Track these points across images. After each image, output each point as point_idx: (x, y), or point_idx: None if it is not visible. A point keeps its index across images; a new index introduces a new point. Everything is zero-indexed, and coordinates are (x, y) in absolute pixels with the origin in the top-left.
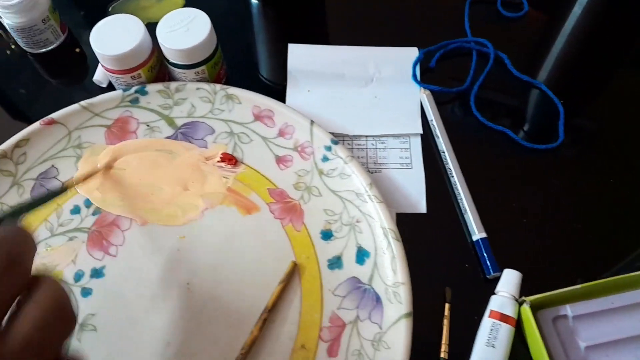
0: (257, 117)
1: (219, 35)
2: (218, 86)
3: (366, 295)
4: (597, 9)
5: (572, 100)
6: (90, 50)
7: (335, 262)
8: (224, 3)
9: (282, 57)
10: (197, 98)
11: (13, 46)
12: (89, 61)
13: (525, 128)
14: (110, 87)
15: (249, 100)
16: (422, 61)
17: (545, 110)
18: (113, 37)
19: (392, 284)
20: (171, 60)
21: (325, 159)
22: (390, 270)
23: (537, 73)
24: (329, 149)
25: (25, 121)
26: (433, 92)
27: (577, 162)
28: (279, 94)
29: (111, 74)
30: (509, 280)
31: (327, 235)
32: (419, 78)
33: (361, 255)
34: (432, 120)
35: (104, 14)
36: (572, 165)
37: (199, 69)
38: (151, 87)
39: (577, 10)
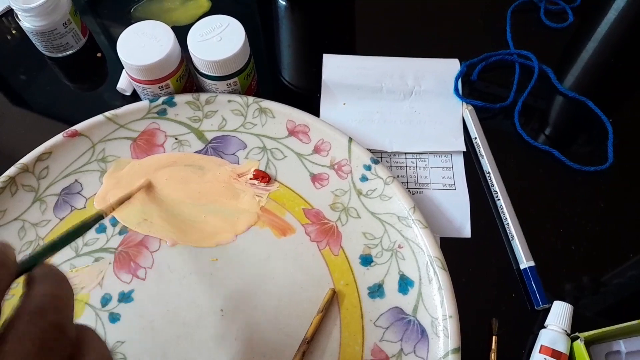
0: (292, 132)
1: None
2: (251, 99)
3: (410, 327)
4: None
5: (622, 119)
6: (112, 54)
7: (377, 291)
8: (248, 5)
9: (312, 65)
10: (229, 111)
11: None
12: (111, 66)
13: (572, 148)
14: (135, 95)
15: (284, 114)
16: (463, 74)
17: (593, 129)
18: (141, 46)
19: (438, 316)
20: (202, 71)
21: (364, 178)
22: (436, 302)
23: (583, 88)
24: (368, 168)
25: (45, 132)
26: (475, 108)
27: (628, 185)
28: (309, 104)
29: (137, 84)
30: (560, 313)
31: (366, 260)
32: (460, 92)
33: (404, 284)
34: (475, 138)
35: (126, 15)
36: (623, 188)
37: (231, 81)
38: (179, 98)
39: (625, 22)
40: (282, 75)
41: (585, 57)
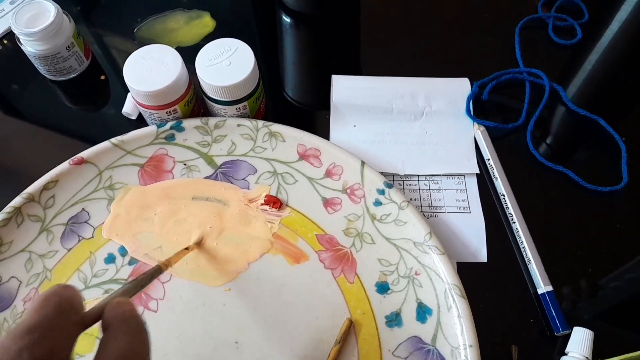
0: (303, 156)
1: None
2: (260, 122)
3: (430, 356)
4: None
5: (635, 137)
6: (116, 76)
7: (394, 319)
8: (252, 23)
9: (320, 85)
10: (238, 135)
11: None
12: (115, 89)
13: (586, 168)
14: (140, 118)
15: (294, 138)
16: (474, 94)
17: (606, 148)
18: (148, 71)
19: (458, 345)
20: (211, 95)
21: (377, 203)
22: (456, 331)
23: (594, 106)
24: (381, 192)
25: (49, 157)
26: (487, 128)
27: None
28: (319, 125)
29: (144, 109)
30: (580, 339)
31: (383, 288)
32: (472, 113)
33: (422, 312)
34: (489, 159)
35: (129, 36)
36: (639, 209)
37: (240, 105)
38: (188, 123)
39: (629, 36)
40: (290, 96)
41: (595, 73)
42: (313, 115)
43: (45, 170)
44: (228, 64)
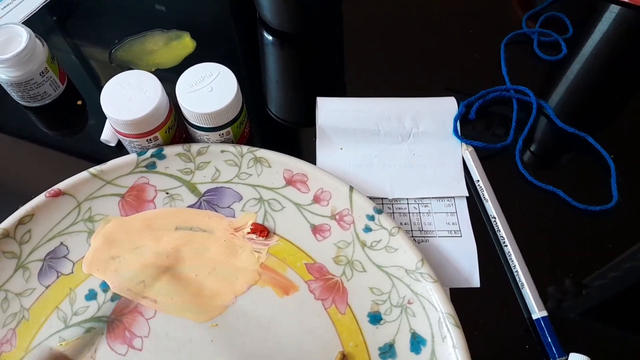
0: (289, 182)
1: None
2: (245, 148)
3: None
4: None
5: (624, 154)
6: (93, 101)
7: (388, 351)
8: (234, 43)
9: (304, 106)
10: (222, 161)
11: None
12: (93, 114)
13: (577, 186)
14: (120, 145)
15: (280, 163)
16: (461, 114)
17: (596, 166)
18: (126, 99)
19: None
20: (193, 122)
21: (367, 229)
22: None
23: (582, 123)
24: (371, 218)
25: (25, 190)
26: (475, 148)
27: (635, 224)
28: (305, 148)
29: (123, 137)
30: None
31: (375, 318)
32: (460, 133)
33: (416, 342)
34: (478, 181)
35: (106, 58)
36: (630, 228)
37: (223, 131)
38: (169, 150)
39: (608, 52)
40: (274, 115)
41: (581, 89)
42: (299, 137)
43: (20, 202)
44: (210, 90)
